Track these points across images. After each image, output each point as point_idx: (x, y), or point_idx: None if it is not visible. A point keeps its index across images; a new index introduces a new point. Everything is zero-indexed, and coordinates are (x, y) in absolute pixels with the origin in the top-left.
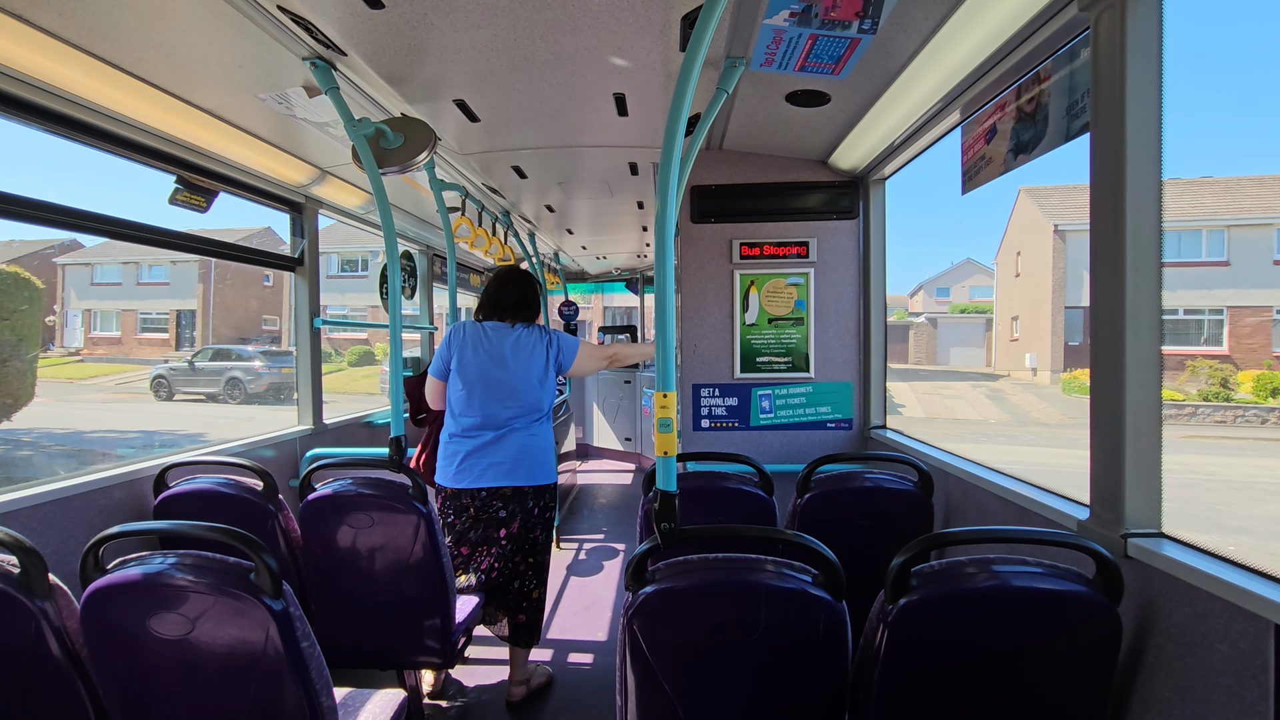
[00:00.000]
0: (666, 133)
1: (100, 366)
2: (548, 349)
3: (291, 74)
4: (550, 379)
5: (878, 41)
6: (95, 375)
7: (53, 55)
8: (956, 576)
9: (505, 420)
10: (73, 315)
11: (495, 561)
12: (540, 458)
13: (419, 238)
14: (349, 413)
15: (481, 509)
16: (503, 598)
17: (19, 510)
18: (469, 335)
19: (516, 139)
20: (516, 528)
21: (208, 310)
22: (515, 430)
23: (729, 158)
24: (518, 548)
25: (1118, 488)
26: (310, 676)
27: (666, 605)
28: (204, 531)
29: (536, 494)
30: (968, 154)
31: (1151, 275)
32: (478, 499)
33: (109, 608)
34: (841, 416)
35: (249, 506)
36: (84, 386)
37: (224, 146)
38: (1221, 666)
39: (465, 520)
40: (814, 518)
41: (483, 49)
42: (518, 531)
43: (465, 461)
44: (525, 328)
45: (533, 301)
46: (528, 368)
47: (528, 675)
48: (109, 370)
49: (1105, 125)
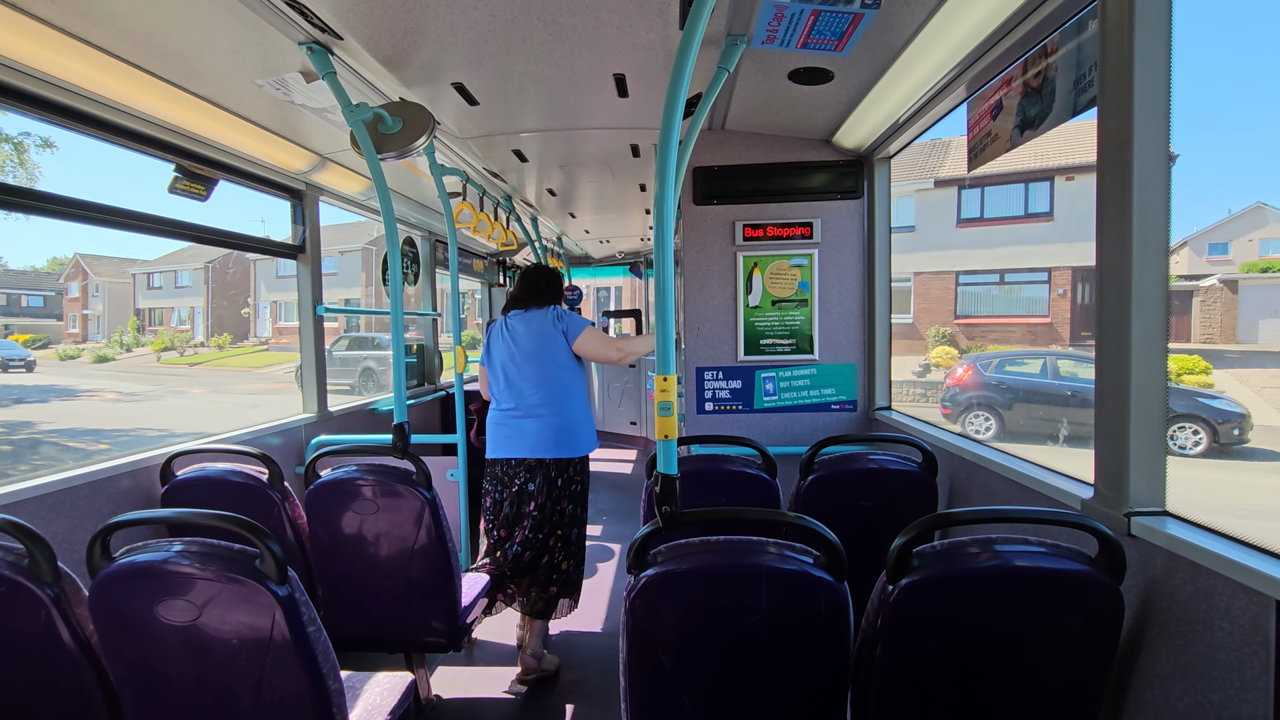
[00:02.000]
0: (665, 113)
1: (280, 355)
2: (555, 323)
3: (288, 59)
4: (569, 356)
5: (881, 16)
6: (271, 364)
7: (47, 43)
8: (958, 556)
9: (530, 398)
10: (263, 307)
11: (526, 541)
12: (563, 433)
13: (421, 223)
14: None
15: (511, 479)
16: (533, 575)
17: (28, 500)
18: (497, 329)
19: (516, 122)
20: (544, 499)
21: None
22: (540, 407)
23: (731, 138)
24: (545, 519)
25: (1121, 466)
26: (317, 660)
27: (668, 588)
28: (210, 519)
29: (559, 467)
30: (973, 130)
31: (1158, 252)
32: (509, 468)
33: (117, 595)
34: (846, 398)
35: (255, 494)
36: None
37: (223, 134)
38: (1223, 643)
39: (501, 491)
40: (817, 500)
41: (480, 30)
42: (545, 503)
43: (500, 435)
44: (539, 310)
45: (544, 287)
46: (540, 345)
47: (542, 651)
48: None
49: (1113, 99)
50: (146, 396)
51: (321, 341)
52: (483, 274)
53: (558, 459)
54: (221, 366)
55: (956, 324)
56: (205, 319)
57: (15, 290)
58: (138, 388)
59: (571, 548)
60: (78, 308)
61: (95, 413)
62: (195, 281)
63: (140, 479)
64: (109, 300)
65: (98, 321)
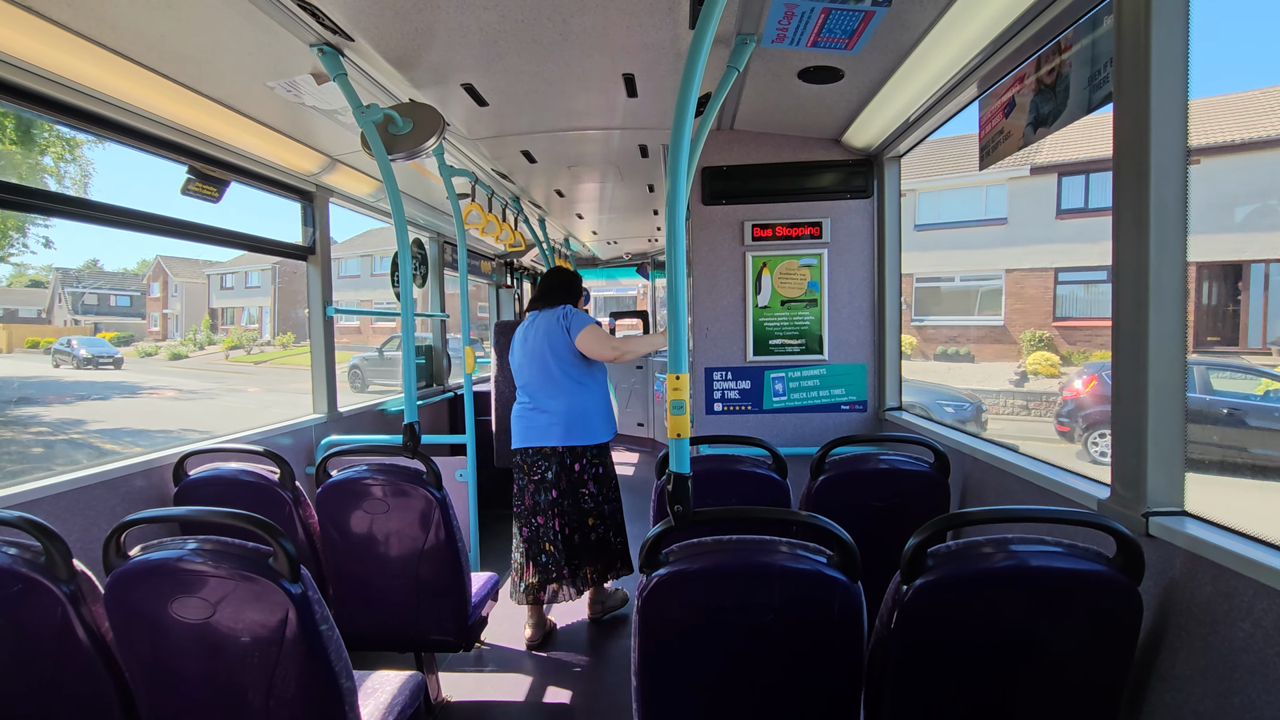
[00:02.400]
0: (676, 113)
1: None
2: (560, 321)
3: (300, 61)
4: (574, 352)
5: (892, 14)
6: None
7: (63, 47)
8: (973, 556)
9: (540, 392)
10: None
11: (561, 528)
12: (573, 421)
13: (429, 225)
14: (365, 400)
15: (533, 468)
16: (583, 555)
17: (43, 499)
18: (518, 330)
19: (525, 122)
20: (565, 485)
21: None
22: (548, 400)
23: (740, 138)
24: (574, 504)
25: (1139, 466)
26: (329, 658)
27: (680, 587)
28: (223, 517)
29: (573, 454)
30: (985, 128)
31: (1176, 250)
32: (528, 457)
33: (132, 592)
34: (856, 398)
35: (267, 493)
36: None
37: (234, 136)
38: (1244, 645)
39: (524, 479)
40: (828, 500)
41: (489, 31)
42: (567, 489)
43: (519, 428)
44: (549, 310)
45: (557, 288)
46: (547, 342)
47: (601, 599)
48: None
49: (1129, 95)
50: (204, 394)
51: (331, 342)
52: (490, 275)
53: (570, 446)
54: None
55: (1055, 326)
56: (272, 318)
57: (106, 290)
58: (199, 385)
59: (609, 522)
60: (159, 307)
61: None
62: (264, 282)
63: (153, 478)
64: (186, 299)
65: (176, 320)
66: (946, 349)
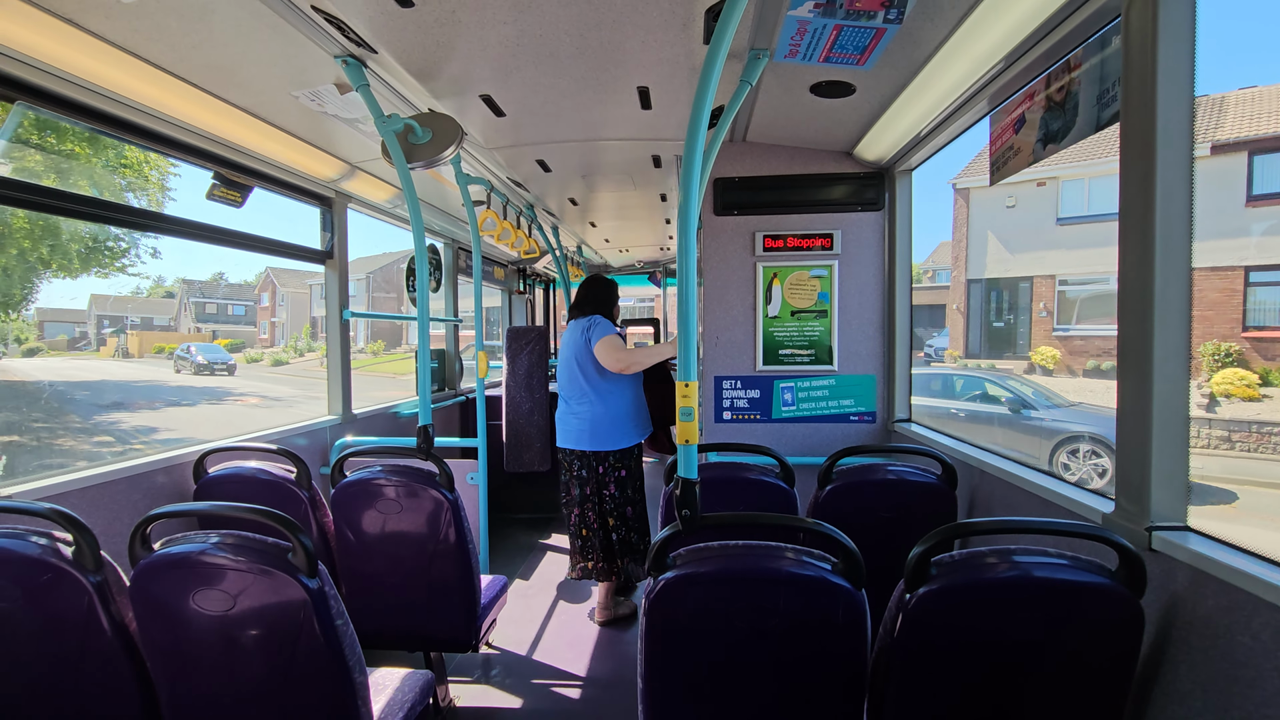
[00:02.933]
0: (690, 125)
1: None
2: (584, 332)
3: (324, 72)
4: (595, 361)
5: (904, 31)
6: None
7: (98, 56)
8: (976, 566)
9: (572, 397)
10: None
11: (594, 521)
12: (597, 428)
13: (445, 231)
14: (379, 402)
15: (570, 465)
16: (610, 550)
17: (69, 493)
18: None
19: (541, 133)
20: (592, 485)
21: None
22: (575, 405)
23: (752, 150)
24: (600, 501)
25: (1143, 481)
26: (344, 653)
27: (687, 590)
28: (244, 513)
29: (598, 458)
30: (996, 144)
31: (1181, 267)
32: (566, 455)
33: (156, 584)
34: (865, 410)
35: (283, 492)
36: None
37: (258, 143)
38: (1244, 659)
39: (566, 475)
40: (835, 509)
41: (508, 44)
42: (595, 490)
43: (559, 429)
44: (579, 319)
45: (587, 300)
46: (574, 351)
47: (609, 603)
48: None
49: (1136, 114)
50: (286, 401)
51: (347, 345)
52: (503, 281)
53: (595, 451)
54: (372, 372)
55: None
56: (366, 326)
57: (224, 300)
58: (285, 391)
59: (630, 522)
60: (267, 315)
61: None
62: (359, 291)
63: (174, 475)
64: (291, 308)
65: (281, 328)
66: (1100, 364)
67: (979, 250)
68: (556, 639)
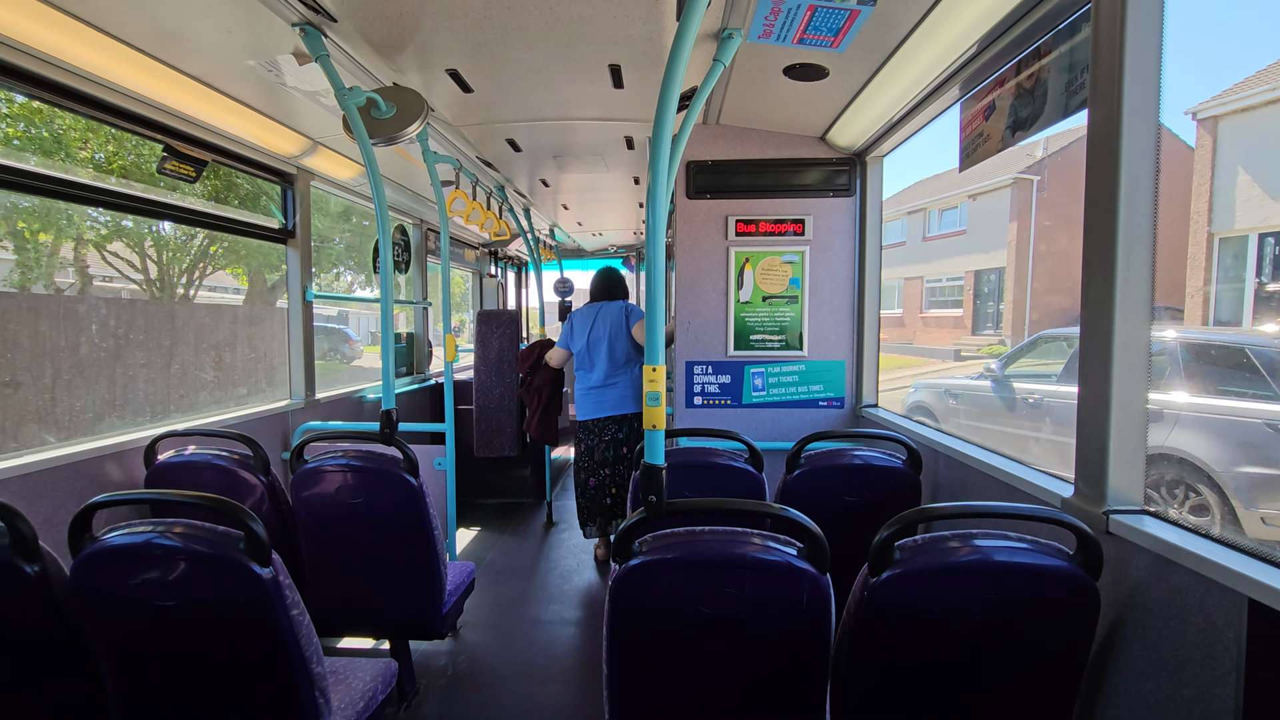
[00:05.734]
0: (660, 105)
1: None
2: (626, 314)
3: (281, 40)
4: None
5: (877, 14)
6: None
7: (35, 17)
8: (938, 550)
9: (608, 371)
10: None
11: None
12: (631, 394)
13: (412, 211)
14: (341, 387)
15: (603, 431)
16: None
17: (9, 479)
18: (583, 316)
19: (510, 110)
20: (630, 445)
21: (1026, 268)
22: (615, 377)
23: (726, 133)
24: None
25: (1101, 465)
26: (299, 643)
27: (651, 576)
28: (193, 500)
29: (638, 419)
30: (966, 131)
31: (1144, 256)
32: (599, 424)
33: (99, 574)
34: (833, 395)
35: (240, 478)
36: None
37: (213, 115)
38: (1195, 639)
39: (593, 440)
40: (803, 494)
41: (475, 16)
42: (630, 449)
43: (589, 402)
44: (611, 303)
45: (613, 288)
46: (614, 331)
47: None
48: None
49: (1102, 102)
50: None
51: (310, 326)
52: (474, 264)
53: (636, 412)
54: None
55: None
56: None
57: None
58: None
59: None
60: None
61: None
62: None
63: (124, 461)
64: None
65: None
66: None
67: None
68: (526, 626)
